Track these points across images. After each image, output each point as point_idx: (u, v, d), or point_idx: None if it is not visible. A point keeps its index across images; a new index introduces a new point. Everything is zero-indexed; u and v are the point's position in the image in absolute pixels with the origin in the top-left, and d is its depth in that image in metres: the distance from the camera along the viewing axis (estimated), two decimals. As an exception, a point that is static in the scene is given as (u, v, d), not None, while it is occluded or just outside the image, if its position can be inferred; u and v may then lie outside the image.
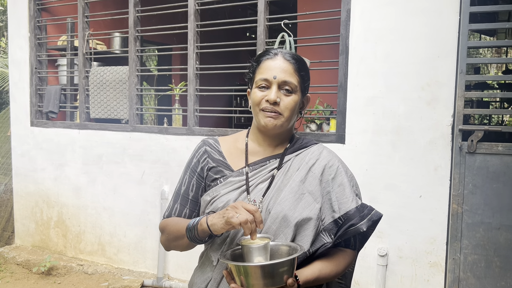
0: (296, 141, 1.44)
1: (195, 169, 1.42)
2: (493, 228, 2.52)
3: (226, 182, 1.36)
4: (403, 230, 2.85)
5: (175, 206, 1.45)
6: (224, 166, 1.40)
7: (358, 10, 2.91)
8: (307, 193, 1.32)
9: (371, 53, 2.88)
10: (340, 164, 1.40)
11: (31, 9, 4.32)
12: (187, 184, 1.43)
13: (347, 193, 1.35)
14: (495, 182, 2.49)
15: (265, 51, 1.37)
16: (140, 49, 3.88)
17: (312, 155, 1.39)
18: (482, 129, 2.51)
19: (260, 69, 1.33)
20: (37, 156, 4.39)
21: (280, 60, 1.32)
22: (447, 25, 2.65)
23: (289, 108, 1.31)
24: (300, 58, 1.37)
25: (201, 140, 1.47)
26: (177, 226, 1.35)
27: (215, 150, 1.43)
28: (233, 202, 1.31)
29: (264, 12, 3.23)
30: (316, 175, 1.35)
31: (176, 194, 1.46)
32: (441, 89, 2.69)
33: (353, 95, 2.95)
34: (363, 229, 1.29)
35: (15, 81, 4.50)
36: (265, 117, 1.31)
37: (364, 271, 2.99)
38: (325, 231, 1.33)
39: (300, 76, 1.34)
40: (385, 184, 2.89)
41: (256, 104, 1.33)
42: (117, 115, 3.93)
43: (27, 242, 4.57)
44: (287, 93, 1.31)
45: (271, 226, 1.29)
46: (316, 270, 1.27)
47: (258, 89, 1.33)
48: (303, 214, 1.29)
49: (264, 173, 1.36)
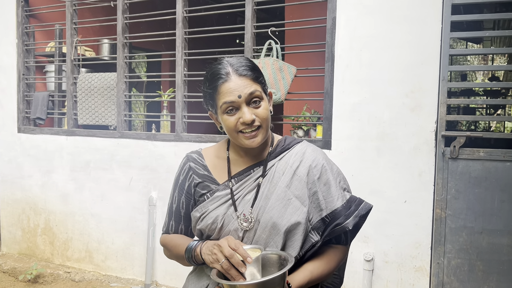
0: (278, 144, 1.42)
1: (183, 186, 1.43)
2: (476, 232, 2.56)
3: (213, 197, 1.36)
4: (389, 235, 2.88)
5: (170, 223, 1.47)
6: (210, 181, 1.39)
7: (343, 18, 2.96)
8: (293, 197, 1.31)
9: (356, 60, 2.93)
10: (325, 162, 1.38)
11: (19, 15, 4.31)
12: (177, 201, 1.45)
13: (333, 191, 1.34)
14: (477, 187, 2.54)
15: (214, 73, 1.29)
16: (129, 55, 3.89)
17: (296, 157, 1.37)
18: (464, 135, 2.56)
19: (220, 94, 1.27)
20: (24, 162, 4.36)
21: (236, 78, 1.26)
22: (430, 33, 2.70)
23: (265, 118, 1.30)
24: (252, 65, 1.32)
25: (185, 156, 1.46)
26: (177, 247, 1.39)
27: (199, 165, 1.42)
28: (221, 217, 1.32)
29: (252, 19, 3.26)
30: (302, 177, 1.34)
31: (169, 210, 1.47)
32: (424, 96, 2.74)
33: (339, 102, 2.99)
34: (349, 228, 1.29)
35: (2, 88, 4.48)
36: (246, 139, 1.29)
37: (351, 276, 3.02)
38: (313, 230, 1.34)
39: (259, 83, 1.31)
40: (371, 189, 2.92)
41: (232, 129, 1.29)
42: (105, 121, 3.93)
43: (13, 249, 4.53)
44: (257, 105, 1.28)
45: (261, 235, 1.29)
46: (307, 273, 1.28)
47: (227, 114, 1.28)
48: (292, 219, 1.29)
49: (250, 183, 1.35)
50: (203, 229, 1.36)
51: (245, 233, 1.31)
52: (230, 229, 1.32)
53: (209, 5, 3.57)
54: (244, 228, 1.31)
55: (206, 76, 1.33)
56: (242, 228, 1.31)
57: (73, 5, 4.04)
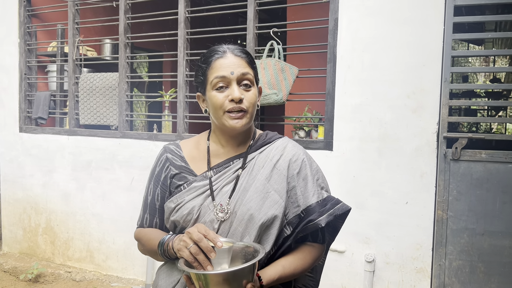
0: (259, 137, 1.41)
1: (159, 178, 1.40)
2: (477, 234, 2.56)
3: (190, 188, 1.33)
4: (390, 236, 2.88)
5: (145, 216, 1.44)
6: (187, 172, 1.37)
7: (345, 19, 2.96)
8: (272, 191, 1.30)
9: (358, 61, 2.93)
10: (305, 157, 1.38)
11: (21, 15, 4.32)
12: (152, 193, 1.42)
13: (309, 187, 1.34)
14: (478, 189, 2.54)
15: (212, 50, 1.32)
16: (130, 55, 3.89)
17: (277, 151, 1.36)
18: (466, 137, 2.56)
19: (213, 69, 1.28)
20: (26, 162, 4.37)
21: (231, 56, 1.28)
22: (432, 34, 2.70)
23: (252, 103, 1.29)
24: (248, 52, 1.34)
25: (163, 147, 1.44)
26: (150, 241, 1.35)
27: (176, 156, 1.40)
28: (198, 208, 1.30)
29: (254, 20, 3.26)
30: (281, 171, 1.33)
31: (144, 203, 1.45)
32: (426, 97, 2.74)
33: (340, 103, 2.99)
34: (322, 225, 1.27)
35: (4, 87, 4.48)
36: (231, 119, 1.27)
37: (352, 277, 3.02)
38: (288, 225, 1.33)
39: (253, 69, 1.32)
40: (372, 190, 2.92)
41: (218, 107, 1.28)
42: (107, 121, 3.94)
43: (14, 249, 4.53)
44: (247, 88, 1.28)
45: (238, 228, 1.28)
46: (279, 267, 1.26)
47: (216, 90, 1.27)
48: (269, 213, 1.27)
49: (229, 174, 1.34)
50: (177, 221, 1.32)
51: (220, 224, 1.29)
52: (206, 220, 1.29)
53: (211, 5, 3.57)
54: (219, 218, 1.29)
55: (203, 53, 1.35)
56: (218, 219, 1.29)
57: (75, 5, 4.05)
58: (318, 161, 3.03)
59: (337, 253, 3.04)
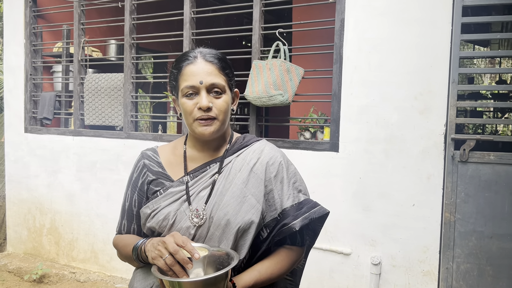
0: (236, 141, 1.41)
1: (136, 184, 1.40)
2: (486, 236, 2.53)
3: (167, 193, 1.32)
4: (396, 239, 2.86)
5: (123, 222, 1.45)
6: (164, 178, 1.36)
7: (352, 20, 2.94)
8: (250, 195, 1.29)
9: (364, 62, 2.91)
10: (282, 160, 1.37)
11: (27, 15, 4.33)
12: (129, 199, 1.41)
13: (285, 190, 1.34)
14: (487, 191, 2.51)
15: (184, 55, 1.31)
16: (136, 56, 3.89)
17: (254, 154, 1.36)
18: (474, 138, 2.53)
19: (183, 75, 1.27)
20: (31, 162, 4.37)
21: (202, 63, 1.27)
22: (439, 35, 2.68)
23: (222, 111, 1.28)
24: (222, 57, 1.32)
25: (140, 153, 1.44)
26: (126, 247, 1.34)
27: (153, 162, 1.39)
28: (174, 213, 1.29)
29: (259, 21, 3.25)
30: (258, 175, 1.32)
31: (122, 209, 1.45)
32: (433, 99, 2.71)
33: (347, 104, 2.97)
34: (296, 228, 1.27)
35: (9, 88, 4.49)
36: (200, 126, 1.27)
37: (358, 280, 2.99)
38: (265, 227, 1.32)
39: (225, 75, 1.30)
40: (379, 192, 2.89)
41: (188, 114, 1.28)
42: (112, 122, 3.93)
43: (19, 249, 4.53)
44: (217, 95, 1.27)
45: (215, 232, 1.27)
46: (255, 273, 1.25)
47: (186, 97, 1.27)
48: (246, 217, 1.27)
49: (205, 179, 1.33)
50: (153, 227, 1.31)
51: (197, 230, 1.28)
52: (182, 226, 1.28)
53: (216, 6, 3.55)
54: (195, 224, 1.27)
55: (176, 60, 1.33)
56: (194, 225, 1.27)
57: (81, 6, 4.05)
58: (324, 163, 3.03)
59: (342, 255, 3.02)
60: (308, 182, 3.07)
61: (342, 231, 3.03)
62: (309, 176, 3.10)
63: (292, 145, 3.17)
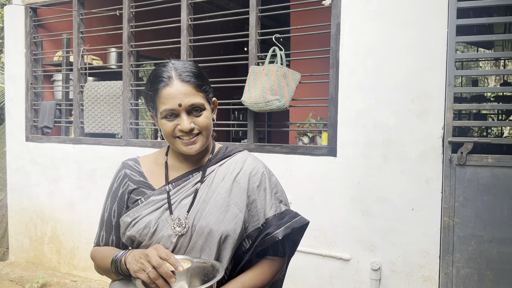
0: (219, 150, 1.41)
1: (116, 194, 1.38)
2: (485, 241, 2.49)
3: (148, 202, 1.30)
4: (396, 244, 2.82)
5: (101, 233, 1.40)
6: (145, 186, 1.35)
7: (347, 24, 2.93)
8: (233, 204, 1.29)
9: (361, 66, 2.89)
10: (264, 170, 1.38)
11: (27, 25, 4.36)
12: (109, 210, 1.38)
13: (268, 200, 1.34)
14: (486, 195, 2.47)
15: (157, 75, 1.26)
16: (135, 64, 3.90)
17: (237, 164, 1.36)
18: (472, 141, 2.49)
19: (161, 98, 1.24)
20: (32, 171, 4.39)
21: (178, 84, 1.23)
22: (435, 37, 2.65)
23: (205, 126, 1.27)
24: (197, 72, 1.28)
25: (121, 163, 1.43)
26: (104, 260, 1.30)
27: (135, 172, 1.38)
28: (155, 222, 1.27)
29: (256, 26, 3.25)
30: (242, 185, 1.32)
31: (101, 220, 1.41)
32: (431, 102, 2.69)
33: (344, 108, 2.95)
34: (279, 238, 1.28)
35: (10, 97, 4.52)
36: (184, 145, 1.27)
37: (358, 286, 2.96)
38: (247, 238, 1.32)
39: (203, 91, 1.28)
40: (377, 197, 2.87)
41: (169, 134, 1.26)
42: (111, 129, 3.94)
43: (21, 258, 4.54)
44: (198, 113, 1.26)
45: (197, 241, 1.26)
46: (238, 284, 1.24)
47: (166, 119, 1.25)
48: (229, 227, 1.26)
49: (187, 188, 1.32)
50: (133, 235, 1.29)
51: (179, 239, 1.26)
52: (163, 234, 1.26)
53: (213, 12, 3.56)
54: (177, 233, 1.26)
55: (149, 77, 1.30)
56: (176, 233, 1.26)
57: (80, 15, 4.08)
58: (322, 168, 3.00)
59: (342, 261, 2.99)
60: (306, 187, 3.07)
61: (341, 236, 3.00)
62: (307, 181, 3.08)
63: (290, 150, 3.16)
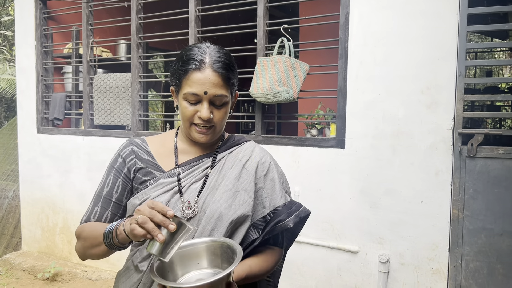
0: (228, 139, 1.42)
1: (121, 169, 1.34)
2: (495, 234, 2.45)
3: (157, 184, 1.30)
4: (405, 236, 2.80)
5: (95, 209, 1.35)
6: (154, 167, 1.33)
7: (356, 13, 2.89)
8: (242, 190, 1.30)
9: (370, 56, 2.85)
10: (271, 161, 1.40)
11: (37, 17, 4.39)
12: (111, 185, 1.34)
13: (277, 190, 1.36)
14: (496, 187, 2.43)
15: (189, 55, 1.25)
16: (144, 55, 3.90)
17: (245, 152, 1.38)
18: (482, 133, 2.45)
19: (188, 80, 1.23)
20: (43, 162, 4.43)
21: (209, 72, 1.22)
22: (446, 27, 2.60)
23: (221, 121, 1.29)
24: (229, 63, 1.27)
25: (127, 140, 1.40)
26: (93, 232, 1.25)
27: (142, 150, 1.36)
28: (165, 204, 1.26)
29: (264, 17, 3.22)
30: (250, 171, 1.34)
31: (97, 196, 1.36)
32: (441, 92, 2.64)
33: (352, 99, 2.92)
34: (290, 225, 1.30)
35: (22, 89, 4.57)
36: (197, 132, 1.28)
37: (366, 278, 2.94)
38: (253, 227, 1.32)
39: (230, 85, 1.27)
40: (386, 189, 2.84)
41: (186, 119, 1.27)
42: (120, 121, 3.96)
43: (33, 248, 4.61)
44: (219, 106, 1.26)
45: (207, 226, 1.25)
46: (246, 267, 1.24)
47: (187, 102, 1.25)
48: (239, 211, 1.27)
49: (197, 172, 1.32)
50: None
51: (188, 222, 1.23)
52: None
53: (221, 3, 3.53)
54: (186, 216, 1.26)
55: (181, 55, 1.28)
56: (185, 217, 1.26)
57: (89, 7, 4.08)
58: (330, 160, 2.98)
59: (350, 253, 2.97)
60: (314, 179, 3.05)
61: (349, 228, 2.98)
62: (315, 173, 3.06)
63: (298, 142, 3.14)
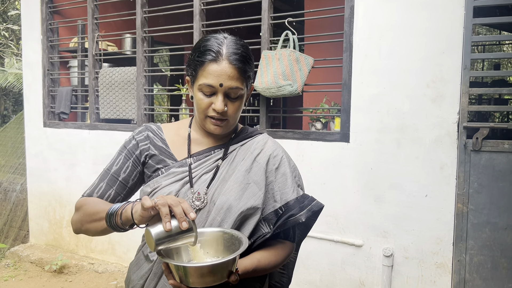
0: (241, 131, 1.41)
1: (133, 151, 1.36)
2: (500, 228, 2.44)
3: (168, 173, 1.31)
4: (409, 230, 2.79)
5: (100, 184, 1.35)
6: (167, 155, 1.35)
7: (361, 6, 2.87)
8: (252, 182, 1.30)
9: (375, 50, 2.83)
10: (284, 155, 1.39)
11: (43, 12, 4.40)
12: (120, 164, 1.35)
13: (289, 184, 1.34)
14: (501, 181, 2.42)
15: (207, 46, 1.24)
16: (149, 49, 3.90)
17: (257, 145, 1.37)
18: (487, 126, 2.43)
19: (204, 71, 1.23)
20: (50, 156, 4.47)
21: (226, 64, 1.22)
22: (451, 20, 2.58)
23: (234, 115, 1.29)
24: (247, 56, 1.26)
25: (143, 125, 1.42)
26: (96, 207, 1.24)
27: (157, 137, 1.37)
28: (175, 194, 1.27)
29: (268, 10, 3.21)
30: (261, 164, 1.33)
31: (104, 172, 1.36)
32: (446, 86, 2.62)
33: (357, 93, 2.91)
34: (302, 220, 1.29)
35: (28, 83, 4.59)
36: (211, 124, 1.28)
37: (370, 272, 2.95)
38: (264, 221, 1.31)
39: (246, 78, 1.28)
40: (390, 183, 2.83)
41: (201, 110, 1.27)
42: (126, 115, 3.97)
43: (41, 240, 4.66)
44: (234, 99, 1.26)
45: (216, 218, 1.26)
46: (255, 260, 1.24)
47: (202, 93, 1.25)
48: (248, 203, 1.26)
49: (209, 163, 1.33)
50: None
51: (197, 213, 1.26)
52: None
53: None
54: (196, 207, 1.26)
55: (198, 45, 1.28)
56: (195, 207, 1.26)
57: (94, 1, 4.09)
58: (335, 154, 2.98)
59: (354, 247, 2.97)
60: (319, 173, 3.05)
61: (353, 222, 2.98)
62: (319, 167, 3.06)
63: (303, 135, 3.14)
